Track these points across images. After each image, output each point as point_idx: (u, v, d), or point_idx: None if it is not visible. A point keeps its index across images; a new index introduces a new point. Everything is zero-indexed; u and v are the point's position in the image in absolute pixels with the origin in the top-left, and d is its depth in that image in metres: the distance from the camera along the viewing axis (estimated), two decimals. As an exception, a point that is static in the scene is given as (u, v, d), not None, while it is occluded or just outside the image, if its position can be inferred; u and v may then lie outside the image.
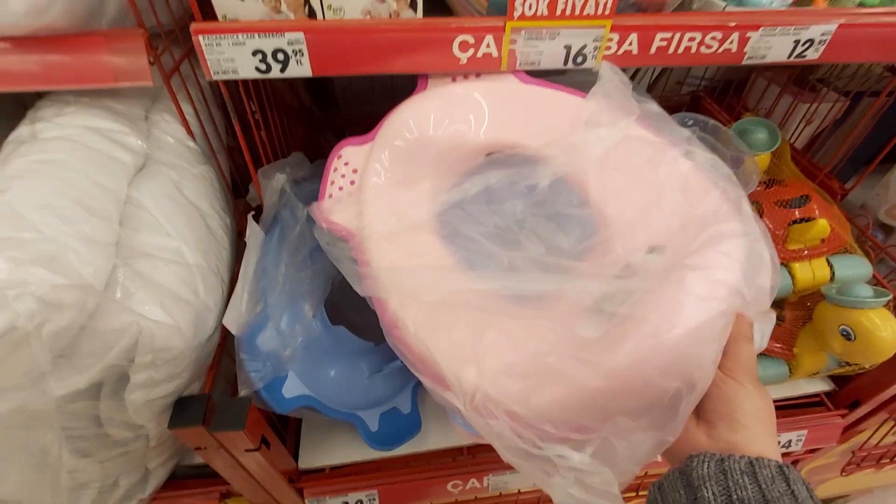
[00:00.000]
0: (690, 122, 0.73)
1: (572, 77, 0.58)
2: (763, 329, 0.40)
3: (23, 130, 0.47)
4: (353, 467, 0.65)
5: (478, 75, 0.52)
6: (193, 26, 0.42)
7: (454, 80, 0.52)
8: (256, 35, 0.43)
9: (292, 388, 0.55)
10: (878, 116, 0.88)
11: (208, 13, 0.44)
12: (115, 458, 0.49)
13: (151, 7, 0.47)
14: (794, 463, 0.84)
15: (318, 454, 0.65)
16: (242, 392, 0.50)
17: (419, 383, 0.46)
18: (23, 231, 0.36)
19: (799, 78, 0.86)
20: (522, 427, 0.36)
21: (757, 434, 0.34)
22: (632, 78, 1.04)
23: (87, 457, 0.46)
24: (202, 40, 0.43)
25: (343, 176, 0.52)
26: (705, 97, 0.98)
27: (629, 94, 0.51)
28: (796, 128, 0.85)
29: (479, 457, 0.66)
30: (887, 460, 0.89)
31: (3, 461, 0.43)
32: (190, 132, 0.55)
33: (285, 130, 0.75)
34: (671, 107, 1.01)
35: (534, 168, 0.49)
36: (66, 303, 0.33)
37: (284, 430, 0.67)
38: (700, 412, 0.37)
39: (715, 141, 0.73)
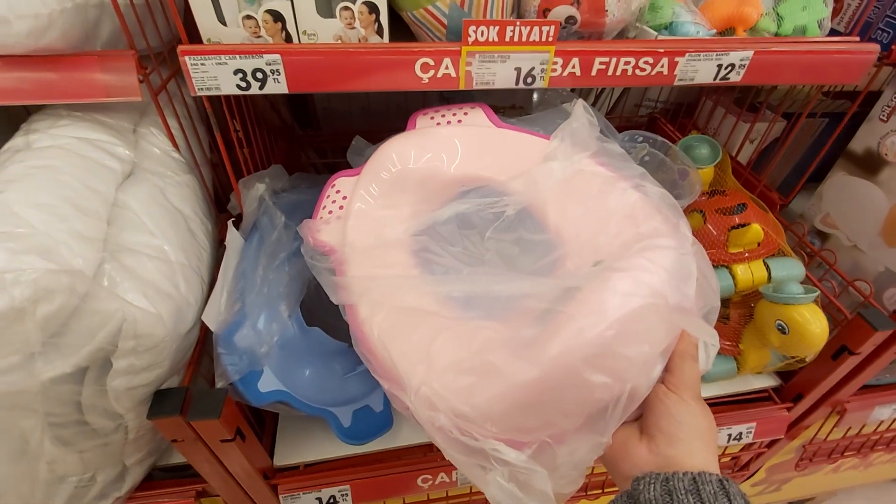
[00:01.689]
0: (640, 140, 0.80)
1: (553, 120, 0.65)
2: (708, 351, 0.44)
3: (17, 141, 0.50)
4: (326, 464, 0.68)
5: (459, 120, 0.62)
6: (180, 48, 0.47)
7: (438, 123, 0.61)
8: (238, 56, 0.48)
9: (268, 383, 0.58)
10: (815, 134, 0.96)
11: (194, 35, 0.49)
12: (95, 450, 0.51)
13: (141, 30, 0.52)
14: (752, 459, 0.89)
15: (293, 451, 0.68)
16: (219, 384, 0.53)
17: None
18: (18, 226, 0.40)
19: (741, 100, 0.94)
20: (465, 423, 0.39)
21: (695, 448, 0.36)
22: (595, 101, 1.12)
23: (66, 446, 0.48)
24: (188, 60, 0.47)
25: (334, 202, 0.58)
26: (660, 118, 1.06)
27: (594, 132, 0.57)
28: (741, 145, 0.92)
29: (449, 452, 0.69)
30: (838, 455, 0.94)
31: (-17, 448, 0.45)
32: (175, 144, 0.59)
33: (267, 147, 0.80)
34: (630, 126, 1.09)
35: (501, 199, 0.55)
36: (58, 287, 0.36)
37: (261, 428, 0.69)
38: (643, 426, 0.40)
39: (664, 156, 0.80)
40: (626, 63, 0.56)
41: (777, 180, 1.01)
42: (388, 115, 1.05)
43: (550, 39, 0.52)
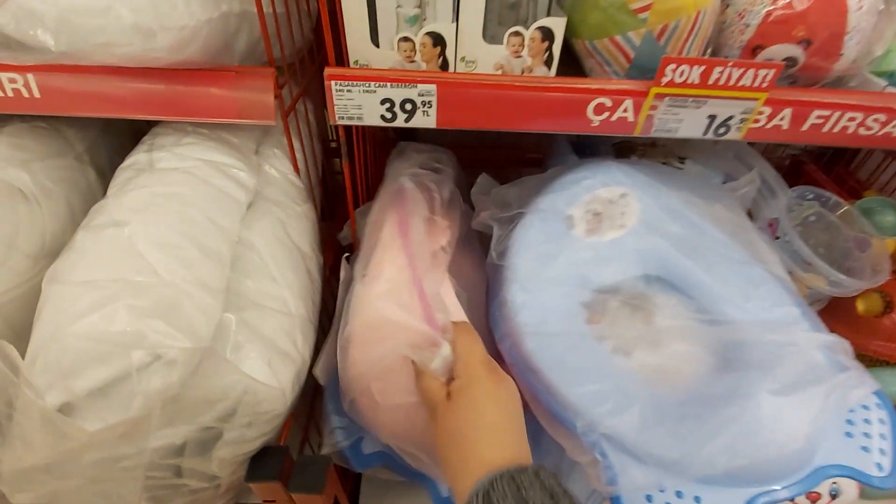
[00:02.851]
0: (811, 196, 0.67)
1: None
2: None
3: (140, 157, 0.46)
4: (412, 533, 0.61)
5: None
6: (327, 71, 0.41)
7: None
8: (388, 84, 0.41)
9: (371, 443, 0.51)
10: None
11: (337, 51, 0.42)
12: (184, 504, 0.46)
13: (281, 47, 0.47)
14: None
15: (377, 516, 0.61)
16: (326, 450, 0.47)
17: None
18: (141, 272, 0.34)
19: (924, 154, 0.79)
20: None
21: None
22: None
23: (159, 503, 0.43)
24: (334, 86, 0.41)
25: None
26: (808, 163, 0.91)
27: None
28: (918, 208, 0.77)
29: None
30: None
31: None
32: (296, 168, 0.53)
33: (370, 161, 0.74)
34: (768, 169, 0.95)
35: None
36: (181, 360, 0.31)
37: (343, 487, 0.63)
38: None
39: (835, 218, 0.67)
40: (851, 119, 0.45)
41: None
42: (498, 132, 0.96)
43: (765, 85, 0.42)
